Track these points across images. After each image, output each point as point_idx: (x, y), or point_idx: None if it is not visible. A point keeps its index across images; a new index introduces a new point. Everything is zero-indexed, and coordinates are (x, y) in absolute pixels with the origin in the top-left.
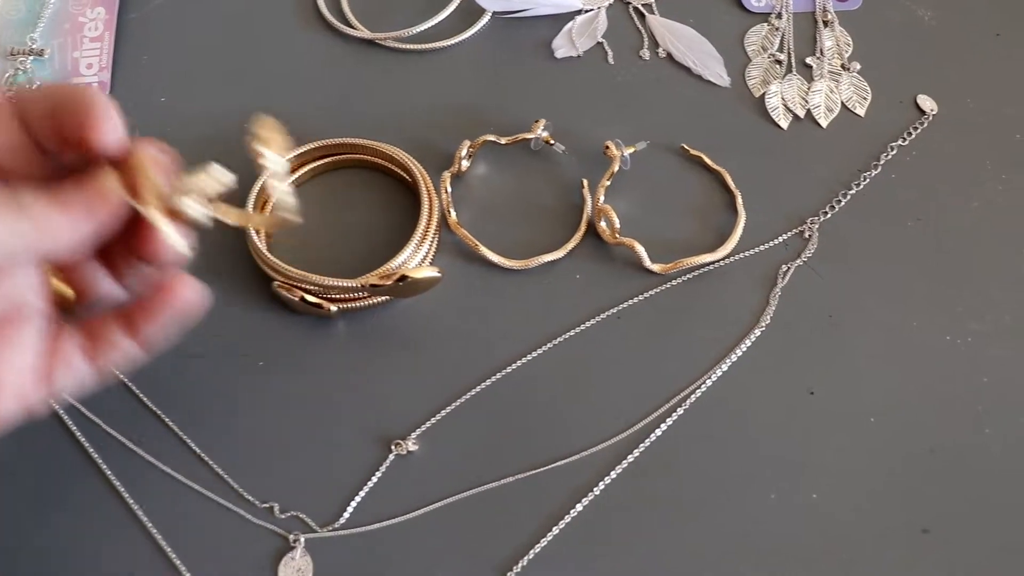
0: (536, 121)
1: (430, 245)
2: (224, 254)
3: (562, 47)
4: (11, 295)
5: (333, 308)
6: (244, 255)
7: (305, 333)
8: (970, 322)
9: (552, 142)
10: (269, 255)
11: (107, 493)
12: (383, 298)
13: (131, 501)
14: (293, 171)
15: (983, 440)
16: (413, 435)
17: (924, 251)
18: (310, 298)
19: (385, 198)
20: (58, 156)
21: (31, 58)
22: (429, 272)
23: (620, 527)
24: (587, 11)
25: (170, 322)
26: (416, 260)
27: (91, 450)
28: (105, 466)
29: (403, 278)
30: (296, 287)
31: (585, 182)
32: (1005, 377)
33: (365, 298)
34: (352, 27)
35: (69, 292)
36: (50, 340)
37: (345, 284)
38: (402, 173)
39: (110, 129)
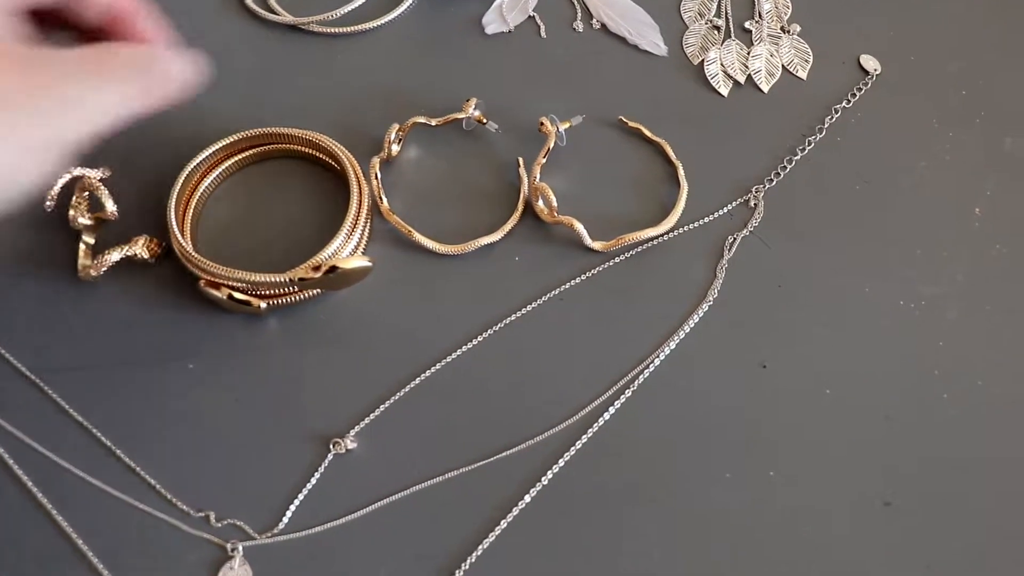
0: (467, 100)
1: (361, 234)
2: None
3: (493, 23)
4: None
5: (262, 304)
6: (169, 254)
7: (235, 332)
8: (923, 285)
9: (485, 121)
10: (194, 252)
11: (33, 510)
12: (314, 292)
13: (58, 517)
14: (218, 164)
15: (941, 405)
16: (352, 432)
17: (873, 215)
18: (238, 295)
19: (313, 188)
20: None
21: None
22: (359, 262)
23: (572, 515)
24: None
25: None
26: (347, 250)
27: (13, 464)
28: (29, 482)
29: (333, 269)
30: (223, 284)
31: (520, 160)
32: (960, 339)
33: (296, 292)
34: (274, 12)
35: None
36: None
37: (273, 279)
38: (330, 161)
39: None
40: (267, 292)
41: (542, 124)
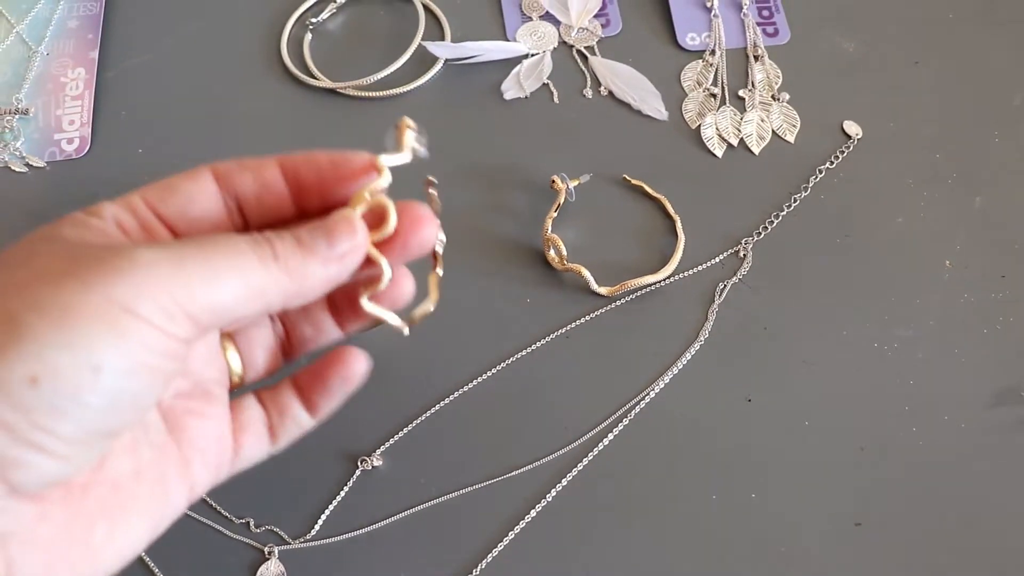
0: (398, 124)
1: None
2: None
3: (511, 89)
4: (210, 366)
5: None
6: None
7: None
8: (897, 329)
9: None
10: None
11: None
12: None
13: None
14: None
15: (910, 437)
16: (378, 451)
17: (852, 265)
18: None
19: None
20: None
21: (17, 116)
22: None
23: (571, 531)
24: (533, 55)
25: (339, 392)
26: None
27: None
28: None
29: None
30: None
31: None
32: (929, 378)
33: None
34: (314, 77)
35: (239, 369)
36: (235, 412)
37: None
38: None
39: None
40: None
41: (553, 181)
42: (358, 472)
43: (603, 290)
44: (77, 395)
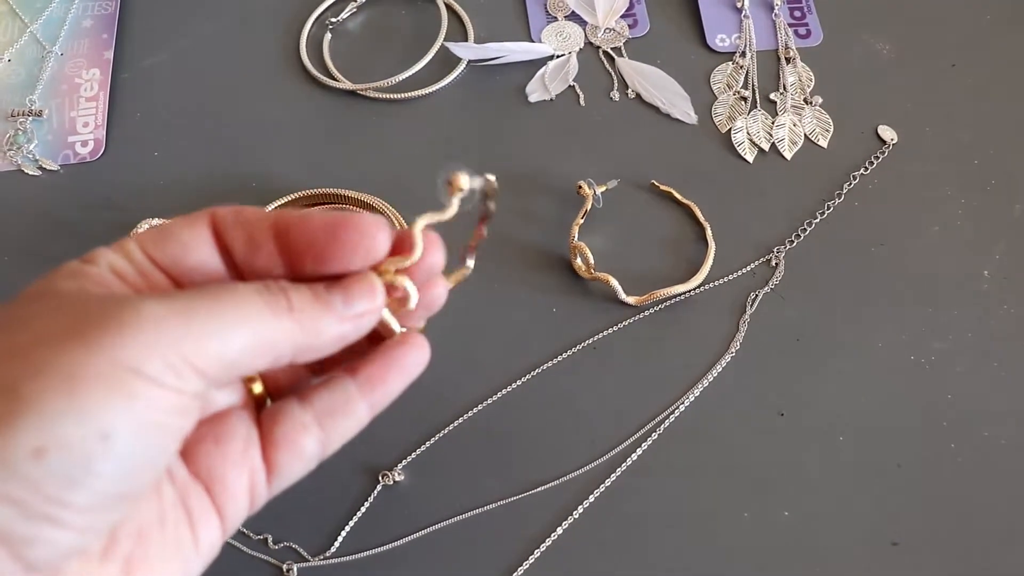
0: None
1: None
2: None
3: (535, 91)
4: (222, 391)
5: None
6: None
7: None
8: (933, 341)
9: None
10: None
11: None
12: None
13: None
14: None
15: (948, 454)
16: (399, 466)
17: (888, 275)
18: None
19: None
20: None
21: (31, 119)
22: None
23: (599, 548)
24: (559, 56)
25: (400, 384)
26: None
27: None
28: None
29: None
30: None
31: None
32: (968, 392)
33: None
34: (333, 78)
35: (258, 390)
36: (267, 427)
37: None
38: None
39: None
40: None
41: (580, 187)
42: (379, 487)
43: (631, 299)
44: (88, 464)
